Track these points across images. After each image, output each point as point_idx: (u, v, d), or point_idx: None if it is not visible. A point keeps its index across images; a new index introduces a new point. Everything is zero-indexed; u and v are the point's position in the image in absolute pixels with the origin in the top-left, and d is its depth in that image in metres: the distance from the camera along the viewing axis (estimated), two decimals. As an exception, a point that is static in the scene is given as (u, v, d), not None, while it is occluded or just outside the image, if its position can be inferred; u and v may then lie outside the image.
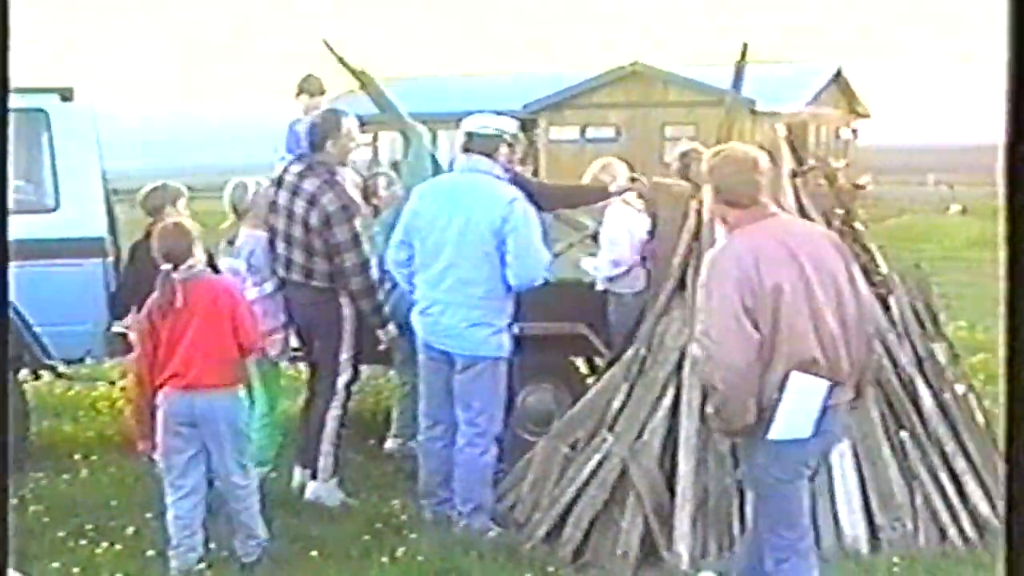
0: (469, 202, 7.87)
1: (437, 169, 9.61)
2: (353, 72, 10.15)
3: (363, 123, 10.03)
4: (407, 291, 8.32)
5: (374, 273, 8.61)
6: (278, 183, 8.74)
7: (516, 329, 8.30)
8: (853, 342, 5.83)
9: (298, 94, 11.44)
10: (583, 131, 49.02)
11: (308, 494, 8.64)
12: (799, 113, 47.74)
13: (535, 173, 49.40)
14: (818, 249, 5.92)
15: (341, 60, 10.03)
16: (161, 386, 7.26)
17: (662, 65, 50.72)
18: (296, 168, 8.70)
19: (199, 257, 7.38)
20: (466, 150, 8.11)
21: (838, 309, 5.78)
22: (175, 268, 7.20)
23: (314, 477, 8.69)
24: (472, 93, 45.74)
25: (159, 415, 7.30)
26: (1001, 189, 1.99)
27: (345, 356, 8.66)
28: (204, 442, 7.34)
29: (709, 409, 6.05)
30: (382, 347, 8.95)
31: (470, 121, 8.18)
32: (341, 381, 8.69)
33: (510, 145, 8.15)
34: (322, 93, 11.44)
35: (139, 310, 7.72)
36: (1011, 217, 1.91)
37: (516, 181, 8.21)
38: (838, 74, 54.54)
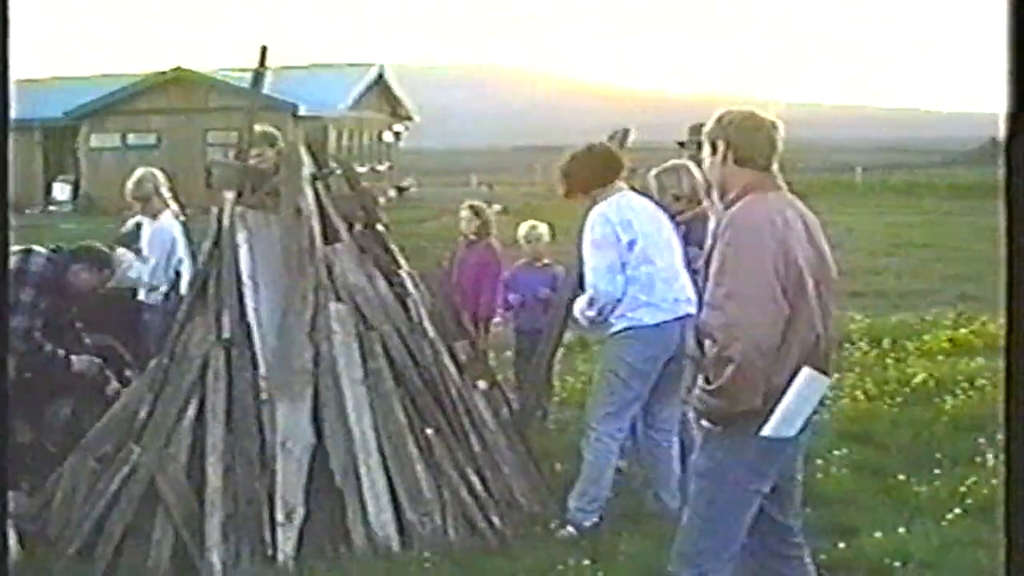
0: None
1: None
2: None
3: None
4: None
5: None
6: None
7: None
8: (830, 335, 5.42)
9: None
10: (124, 138, 48.02)
11: None
12: (342, 116, 48.35)
13: (76, 182, 48.29)
14: (820, 230, 5.40)
15: None
16: None
17: (206, 70, 50.26)
18: None
19: None
20: None
21: (828, 298, 5.33)
22: None
23: None
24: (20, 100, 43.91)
25: None
26: (1001, 185, 1.98)
27: None
28: None
29: (711, 384, 5.14)
30: None
31: None
32: None
33: None
34: None
35: None
36: (1010, 215, 1.93)
37: None
38: (380, 77, 55.36)
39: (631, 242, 7.79)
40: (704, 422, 5.34)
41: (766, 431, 5.09)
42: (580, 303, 7.96)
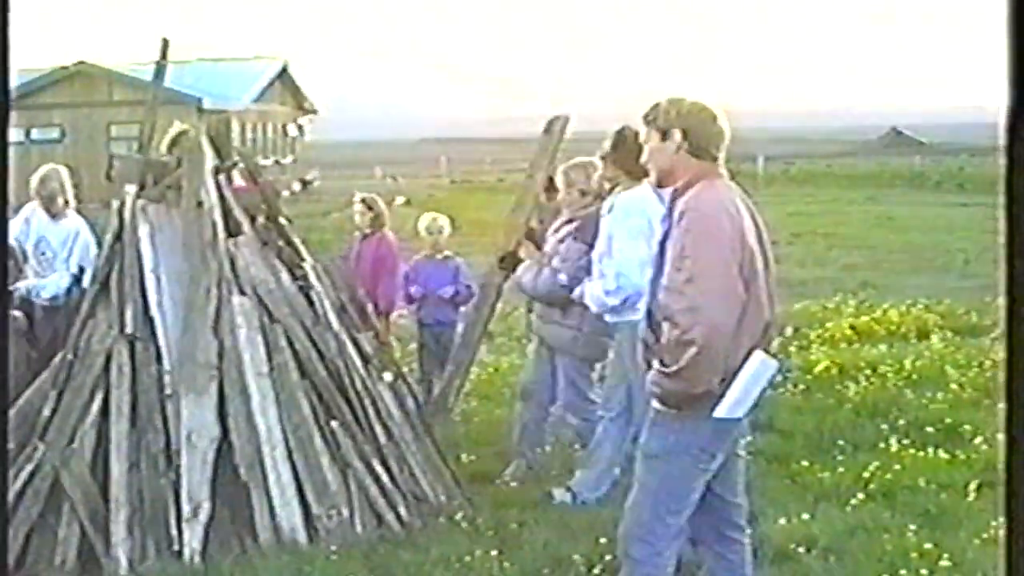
0: None
1: None
2: None
3: None
4: None
5: None
6: None
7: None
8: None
9: None
10: (27, 132, 47.35)
11: None
12: (246, 110, 48.04)
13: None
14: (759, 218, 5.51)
15: None
16: None
17: (109, 63, 49.74)
18: None
19: None
20: None
21: (773, 284, 5.46)
22: None
23: None
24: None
25: None
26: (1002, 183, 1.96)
27: None
28: None
29: (669, 368, 5.20)
30: None
31: None
32: None
33: None
34: None
35: None
36: (1010, 211, 1.91)
37: None
38: (284, 71, 55.12)
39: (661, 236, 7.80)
40: (657, 404, 5.38)
41: (720, 412, 5.21)
42: (596, 289, 7.97)
